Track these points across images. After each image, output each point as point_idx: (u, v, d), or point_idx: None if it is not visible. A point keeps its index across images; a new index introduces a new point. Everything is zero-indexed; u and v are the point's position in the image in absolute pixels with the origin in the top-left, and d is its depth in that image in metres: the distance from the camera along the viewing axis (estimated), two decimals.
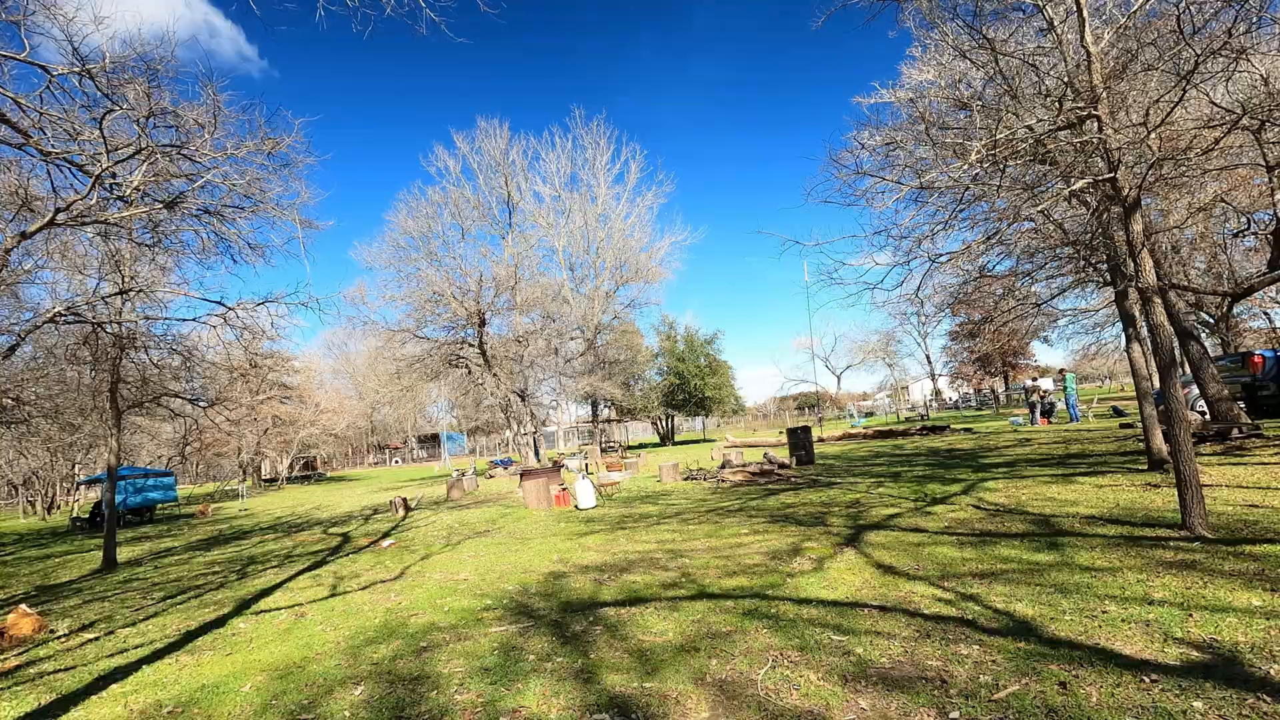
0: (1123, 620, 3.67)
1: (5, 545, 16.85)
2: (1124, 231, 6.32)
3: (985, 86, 8.38)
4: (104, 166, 5.93)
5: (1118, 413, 19.27)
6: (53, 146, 6.03)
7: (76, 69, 5.64)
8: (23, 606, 6.60)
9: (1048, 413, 20.67)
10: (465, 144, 29.33)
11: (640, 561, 6.62)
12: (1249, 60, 5.47)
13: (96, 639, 5.98)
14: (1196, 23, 5.64)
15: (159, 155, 6.58)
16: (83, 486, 30.22)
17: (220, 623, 6.08)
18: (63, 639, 6.12)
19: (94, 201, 6.37)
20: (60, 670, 5.08)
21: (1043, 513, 6.76)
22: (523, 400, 24.68)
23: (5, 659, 5.48)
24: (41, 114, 5.71)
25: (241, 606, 6.70)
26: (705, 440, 39.73)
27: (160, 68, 6.21)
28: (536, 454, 24.55)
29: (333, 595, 6.72)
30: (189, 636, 5.68)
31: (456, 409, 49.01)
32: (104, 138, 5.95)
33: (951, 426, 21.68)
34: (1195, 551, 4.81)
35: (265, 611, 6.35)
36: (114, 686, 4.53)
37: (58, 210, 6.52)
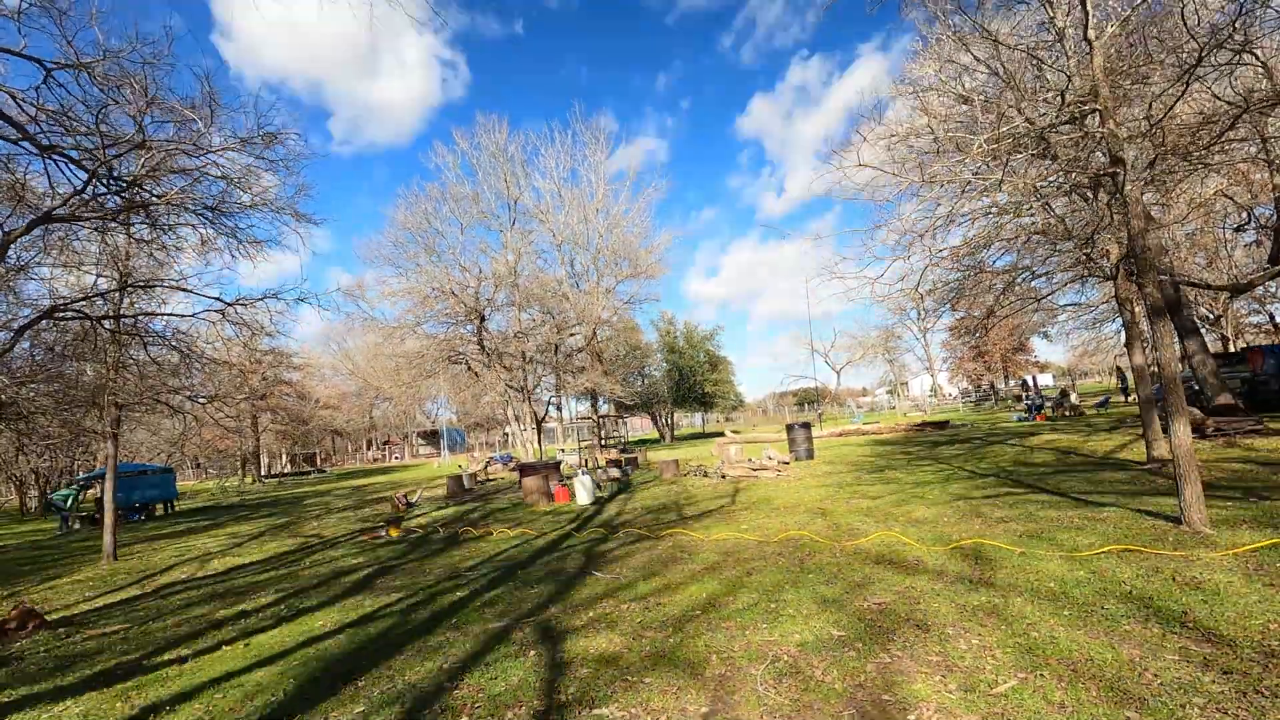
0: None
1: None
2: (1124, 226, 6.29)
3: (988, 81, 8.34)
4: (100, 161, 5.89)
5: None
6: (49, 141, 5.98)
7: (72, 63, 5.59)
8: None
9: (1040, 408, 21.03)
10: (465, 140, 29.12)
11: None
12: (1253, 53, 5.43)
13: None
14: (1201, 15, 5.60)
15: (156, 150, 6.53)
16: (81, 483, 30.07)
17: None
18: None
19: (91, 196, 6.33)
20: None
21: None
22: (523, 396, 24.66)
23: None
24: (38, 108, 5.66)
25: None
26: (705, 435, 39.72)
27: (157, 62, 6.16)
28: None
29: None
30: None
31: (454, 404, 48.97)
32: (100, 132, 5.91)
33: (952, 422, 21.67)
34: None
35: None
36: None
37: (53, 207, 6.49)
